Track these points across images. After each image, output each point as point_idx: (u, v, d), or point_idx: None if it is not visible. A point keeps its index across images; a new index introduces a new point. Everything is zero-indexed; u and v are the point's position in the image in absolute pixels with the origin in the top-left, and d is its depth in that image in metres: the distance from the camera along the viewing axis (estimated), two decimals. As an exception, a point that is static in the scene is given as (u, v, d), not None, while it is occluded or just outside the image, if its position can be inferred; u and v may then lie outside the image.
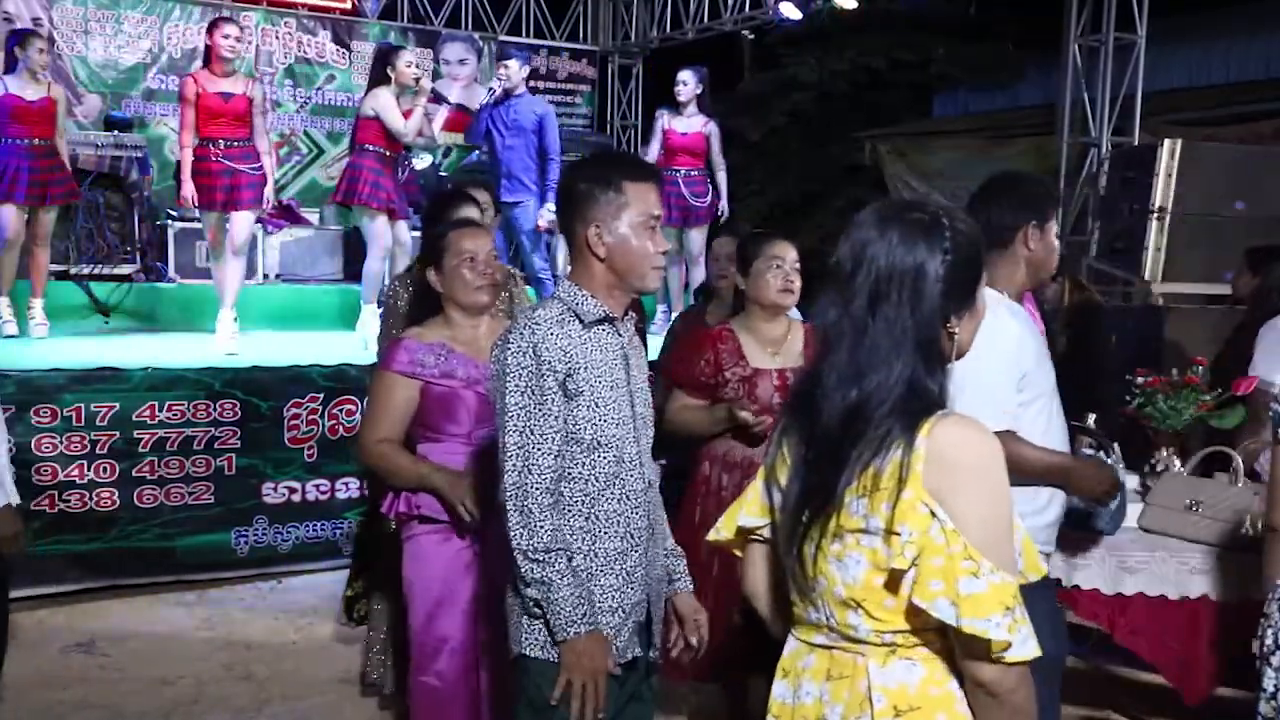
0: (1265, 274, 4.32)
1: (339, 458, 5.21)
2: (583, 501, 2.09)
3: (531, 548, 2.00)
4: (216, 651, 4.34)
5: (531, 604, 2.04)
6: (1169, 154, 6.46)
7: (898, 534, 1.43)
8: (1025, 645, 1.37)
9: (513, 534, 2.01)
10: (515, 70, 6.66)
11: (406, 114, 6.07)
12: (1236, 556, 3.03)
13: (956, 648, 1.44)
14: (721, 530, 1.73)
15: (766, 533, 1.66)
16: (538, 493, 2.02)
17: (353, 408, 5.19)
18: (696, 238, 7.11)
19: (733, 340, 3.19)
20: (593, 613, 2.03)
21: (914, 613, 1.45)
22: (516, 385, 2.03)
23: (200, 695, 3.95)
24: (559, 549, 2.01)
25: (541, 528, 2.00)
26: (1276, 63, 9.80)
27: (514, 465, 2.03)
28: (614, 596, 2.11)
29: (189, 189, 5.77)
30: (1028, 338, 2.50)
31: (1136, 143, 7.56)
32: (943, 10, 13.45)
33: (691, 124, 7.04)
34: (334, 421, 5.18)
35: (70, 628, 4.53)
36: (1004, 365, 2.37)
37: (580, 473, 2.08)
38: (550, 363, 2.03)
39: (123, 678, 4.09)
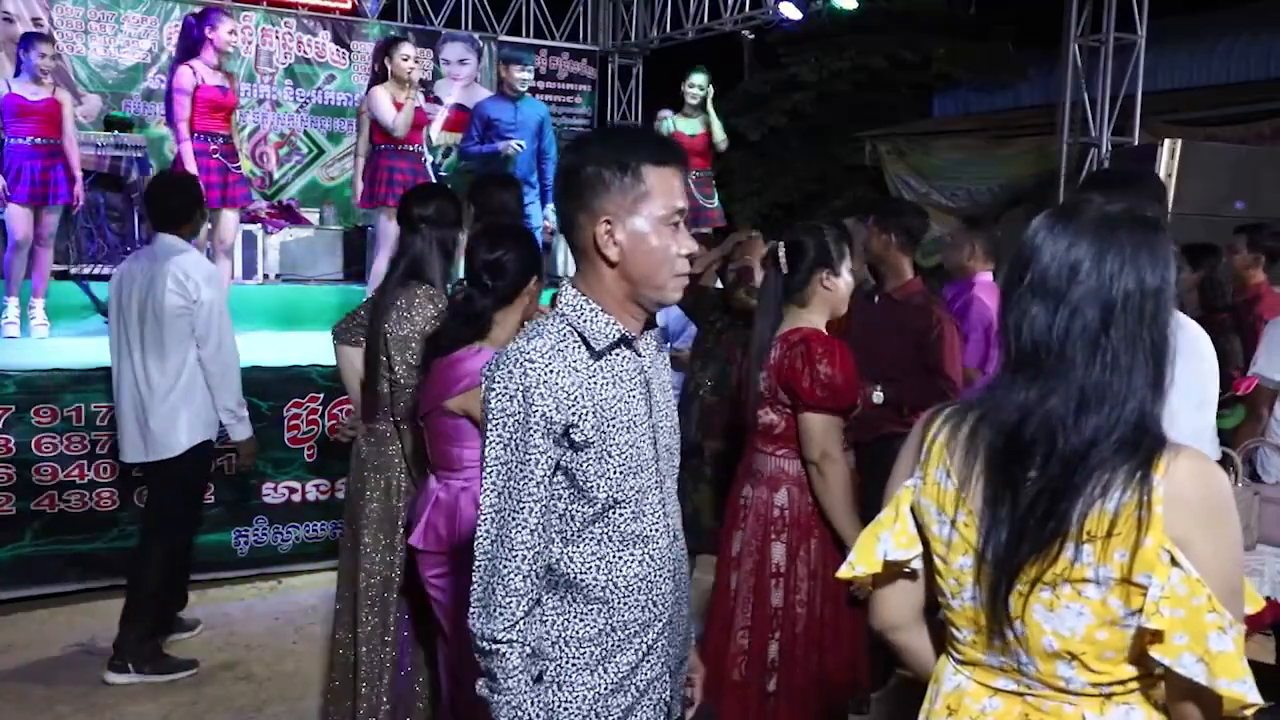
0: (1209, 268, 4.36)
1: (339, 458, 5.20)
2: (598, 568, 1.72)
3: (483, 634, 1.64)
4: (216, 651, 4.34)
5: (484, 689, 1.70)
6: (1169, 154, 6.48)
7: (1139, 586, 1.30)
8: (1257, 694, 1.28)
9: (471, 612, 1.66)
10: (530, 76, 6.68)
11: (399, 106, 6.07)
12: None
13: (1185, 698, 1.33)
14: (858, 564, 1.54)
15: (916, 564, 1.52)
16: (508, 572, 1.64)
17: (352, 408, 5.18)
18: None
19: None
20: None
21: (1142, 663, 1.34)
22: (499, 436, 1.64)
23: (200, 695, 3.95)
24: (514, 643, 1.64)
25: (500, 614, 1.63)
26: (1276, 63, 9.81)
27: (486, 531, 1.66)
28: (629, 674, 1.77)
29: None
30: None
31: (1136, 143, 7.57)
32: (943, 10, 13.46)
33: (697, 125, 7.04)
34: (334, 421, 5.18)
35: (70, 628, 4.53)
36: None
37: (593, 533, 1.72)
38: (544, 412, 1.63)
39: (123, 678, 4.10)
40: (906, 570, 1.53)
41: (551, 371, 1.65)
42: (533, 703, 1.68)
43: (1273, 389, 3.60)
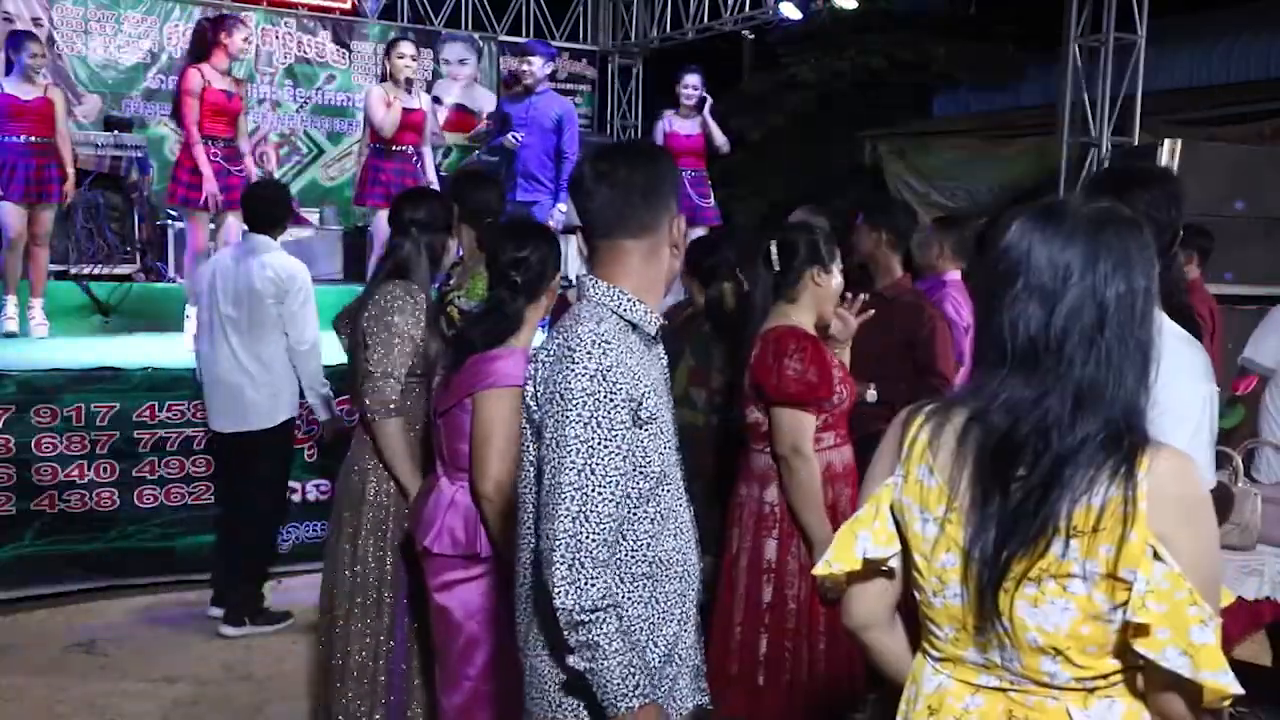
0: (1163, 266, 4.40)
1: (339, 457, 5.19)
2: (647, 545, 1.81)
3: (580, 607, 1.67)
4: (216, 652, 4.34)
5: (575, 675, 1.74)
6: (1169, 154, 6.47)
7: (1123, 581, 1.32)
8: (1237, 684, 1.30)
9: (557, 590, 1.68)
10: (539, 66, 6.63)
11: (390, 105, 6.08)
12: (1236, 557, 3.03)
13: (1166, 689, 1.35)
14: (835, 562, 1.55)
15: (894, 563, 1.53)
16: (593, 544, 1.69)
17: (350, 409, 5.18)
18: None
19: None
20: (648, 682, 1.73)
21: (1125, 657, 1.36)
22: (581, 415, 1.70)
23: (200, 695, 3.96)
24: (610, 607, 1.70)
25: (594, 585, 1.68)
26: (1276, 63, 9.80)
27: (569, 510, 1.69)
28: (674, 643, 1.86)
29: (213, 183, 5.78)
30: None
31: (1136, 143, 7.56)
32: (943, 10, 13.46)
33: (694, 125, 7.06)
34: (334, 421, 5.17)
35: (70, 628, 4.53)
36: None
37: (646, 511, 1.81)
38: (626, 390, 1.73)
39: (123, 678, 4.10)
40: (884, 568, 1.54)
41: (624, 352, 1.76)
42: (640, 657, 1.73)
43: (1261, 375, 3.57)
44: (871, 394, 3.64)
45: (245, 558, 4.57)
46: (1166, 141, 6.67)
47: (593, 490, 1.70)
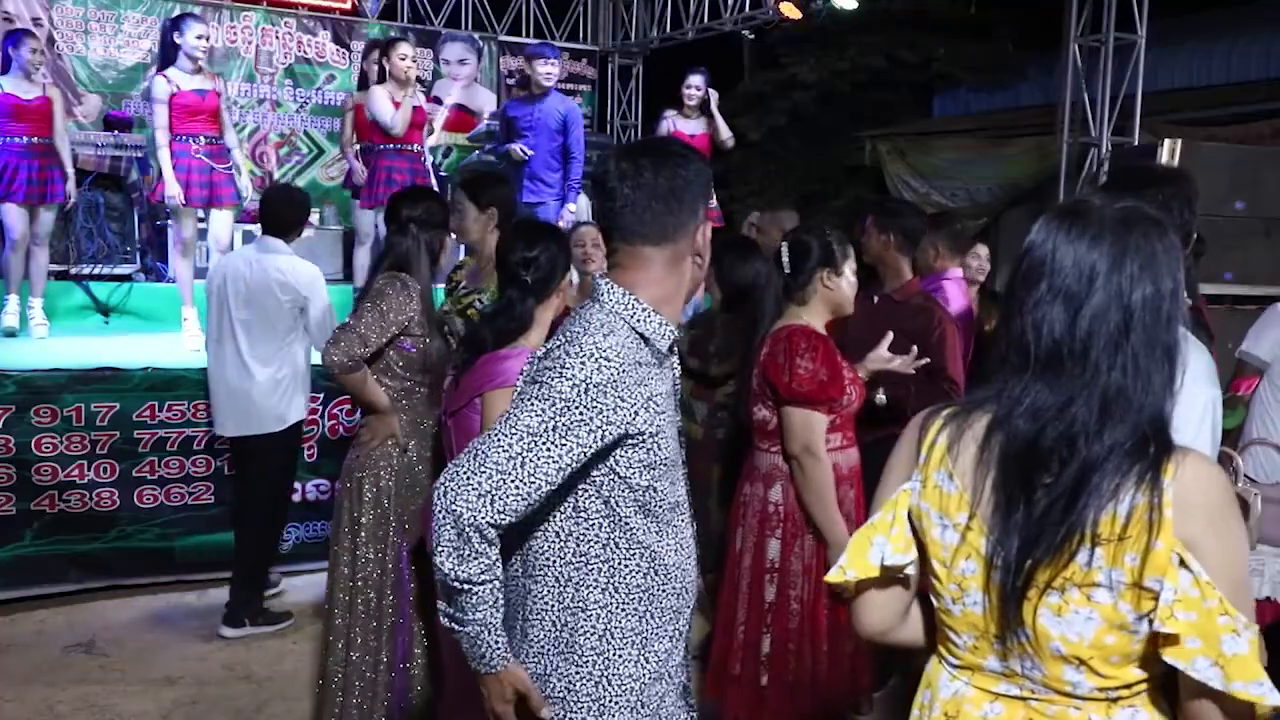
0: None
1: (339, 458, 5.20)
2: (641, 554, 1.77)
3: (456, 576, 1.66)
4: (216, 652, 4.34)
5: (447, 619, 1.74)
6: (1169, 154, 6.47)
7: (1149, 590, 1.29)
8: (1276, 696, 1.26)
9: (441, 550, 1.66)
10: (555, 70, 6.63)
11: (397, 105, 6.09)
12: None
13: (1199, 697, 1.30)
14: (849, 568, 1.52)
15: (911, 570, 1.50)
16: (489, 525, 1.64)
17: (351, 407, 5.19)
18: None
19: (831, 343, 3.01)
20: (505, 646, 1.74)
21: (1149, 667, 1.34)
22: (544, 411, 1.64)
23: (200, 695, 3.95)
24: (488, 582, 1.68)
25: (476, 560, 1.65)
26: (1276, 63, 9.80)
27: (481, 485, 1.63)
28: (665, 659, 1.82)
29: (175, 187, 5.77)
30: None
31: (1136, 143, 7.55)
32: (943, 10, 13.46)
33: (697, 125, 7.05)
34: (334, 421, 5.18)
35: (70, 628, 4.53)
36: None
37: (637, 523, 1.75)
38: (605, 413, 1.65)
39: (123, 678, 4.10)
40: (900, 575, 1.51)
41: (624, 373, 1.67)
42: (500, 626, 1.73)
43: (1257, 370, 3.56)
44: (881, 397, 3.63)
45: (245, 559, 4.57)
46: (1166, 141, 6.67)
47: (516, 481, 1.63)
